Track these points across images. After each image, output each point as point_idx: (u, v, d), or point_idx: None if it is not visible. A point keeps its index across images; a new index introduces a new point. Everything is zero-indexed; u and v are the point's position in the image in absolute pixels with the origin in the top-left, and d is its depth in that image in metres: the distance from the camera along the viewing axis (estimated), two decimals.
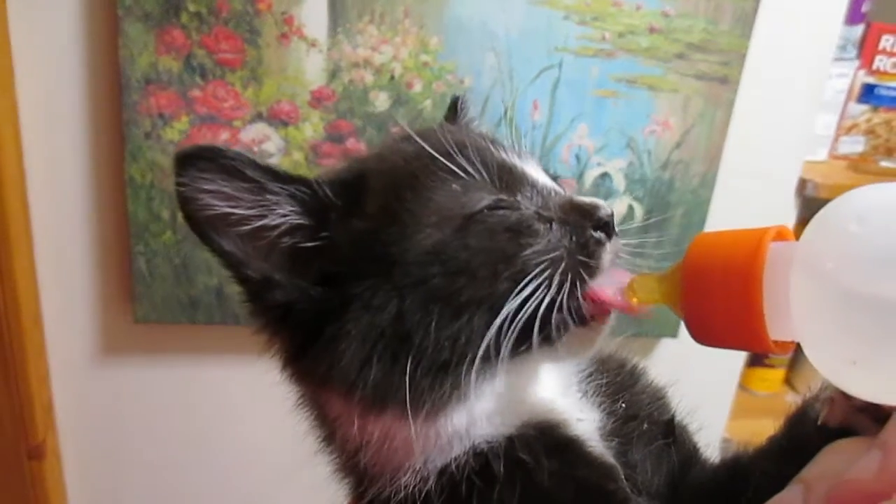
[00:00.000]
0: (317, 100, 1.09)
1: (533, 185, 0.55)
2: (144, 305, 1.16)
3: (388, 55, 1.09)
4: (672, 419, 0.59)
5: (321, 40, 1.07)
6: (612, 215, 0.52)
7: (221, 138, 1.09)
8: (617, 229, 0.53)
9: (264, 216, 0.51)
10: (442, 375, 0.49)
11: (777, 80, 1.32)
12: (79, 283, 1.20)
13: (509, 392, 0.53)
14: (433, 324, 0.49)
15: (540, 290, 0.49)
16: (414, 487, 0.52)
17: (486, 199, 0.52)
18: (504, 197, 0.53)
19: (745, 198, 1.37)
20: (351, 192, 0.54)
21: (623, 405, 0.58)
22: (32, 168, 1.11)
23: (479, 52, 1.12)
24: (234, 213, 0.50)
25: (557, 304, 0.49)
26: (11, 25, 1.02)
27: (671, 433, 0.58)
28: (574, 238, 0.52)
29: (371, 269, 0.51)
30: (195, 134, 1.07)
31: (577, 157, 1.22)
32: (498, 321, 0.48)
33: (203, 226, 0.50)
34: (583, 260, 0.51)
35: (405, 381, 0.49)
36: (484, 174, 0.53)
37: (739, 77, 1.24)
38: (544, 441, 0.52)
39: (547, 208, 0.53)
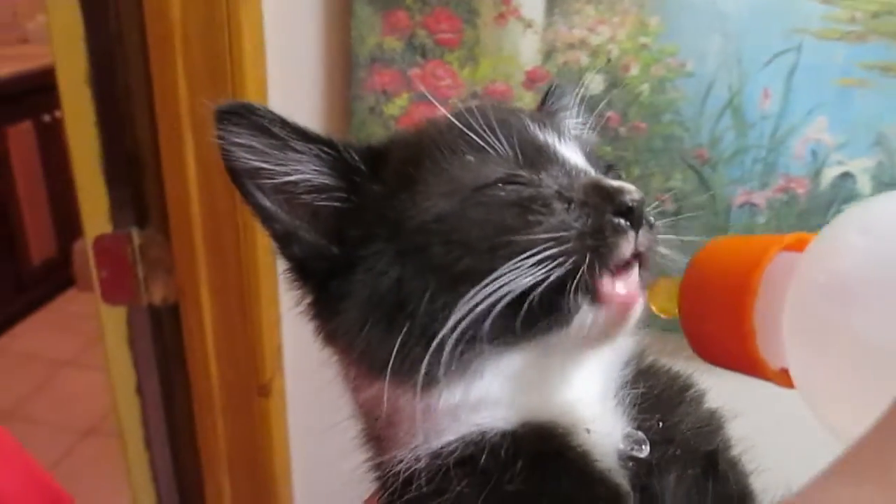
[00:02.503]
0: (531, 80, 1.10)
1: (563, 164, 0.51)
2: None
3: (604, 36, 1.06)
4: (715, 451, 0.52)
5: (538, 21, 1.07)
6: (640, 202, 0.47)
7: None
8: (652, 220, 0.48)
9: (289, 173, 0.53)
10: (433, 349, 0.47)
11: None
12: None
13: (519, 381, 0.50)
14: (427, 294, 0.48)
15: (536, 269, 0.45)
16: (408, 466, 0.50)
17: (499, 173, 0.50)
18: (522, 173, 0.50)
19: None
20: (377, 158, 0.55)
21: (659, 424, 0.51)
22: None
23: (704, 34, 1.05)
24: (262, 168, 0.52)
25: (553, 286, 0.46)
26: (264, 12, 1.15)
27: (712, 467, 0.51)
28: (590, 221, 0.47)
29: (381, 233, 0.51)
30: (413, 110, 1.13)
31: (814, 154, 1.10)
32: (480, 296, 0.45)
33: (238, 177, 0.53)
34: (594, 245, 0.46)
35: (395, 349, 0.48)
36: (508, 150, 0.51)
37: None
38: (533, 445, 0.48)
39: (571, 189, 0.49)
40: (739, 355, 0.36)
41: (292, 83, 1.19)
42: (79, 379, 3.23)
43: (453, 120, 0.53)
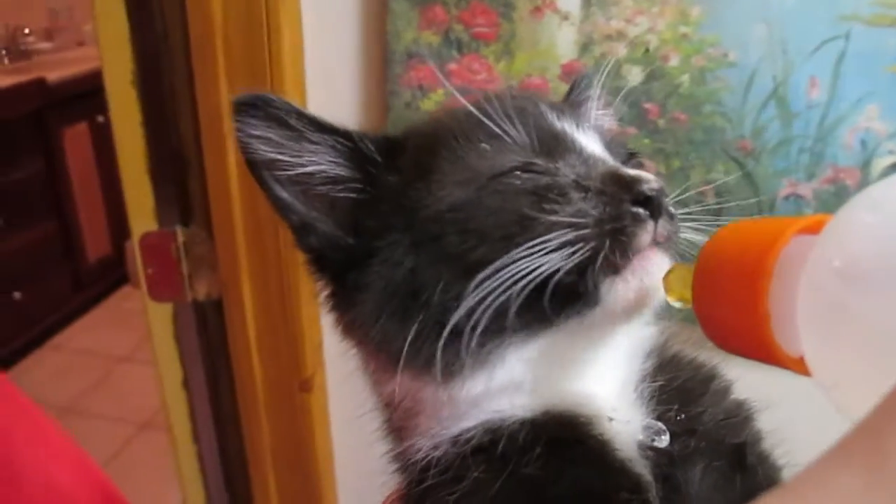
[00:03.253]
0: (567, 74, 1.08)
1: (580, 153, 0.50)
2: None
3: (643, 27, 1.04)
4: (743, 444, 0.50)
5: (574, 13, 1.05)
6: (659, 191, 0.46)
7: None
8: (671, 209, 0.46)
9: (305, 164, 0.52)
10: (449, 339, 0.46)
11: None
12: None
13: (541, 369, 0.49)
14: (441, 284, 0.47)
15: (554, 255, 0.44)
16: (426, 455, 0.50)
17: (515, 161, 0.49)
18: (538, 161, 0.49)
19: None
20: (392, 149, 0.54)
21: (682, 416, 0.50)
22: None
23: (746, 23, 1.02)
24: (279, 159, 0.52)
25: (572, 272, 0.45)
26: (302, 10, 1.16)
27: (740, 460, 0.49)
28: (607, 210, 0.46)
29: (397, 224, 0.51)
30: (449, 105, 1.12)
31: (863, 143, 1.06)
32: (493, 283, 0.44)
33: (256, 169, 0.53)
34: (613, 232, 0.45)
35: (409, 340, 0.47)
36: (525, 138, 0.50)
37: None
38: (553, 432, 0.47)
39: (588, 177, 0.48)
40: (754, 342, 0.35)
41: (330, 80, 1.20)
42: (134, 374, 3.31)
43: (470, 108, 0.53)
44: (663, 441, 0.49)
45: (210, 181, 1.25)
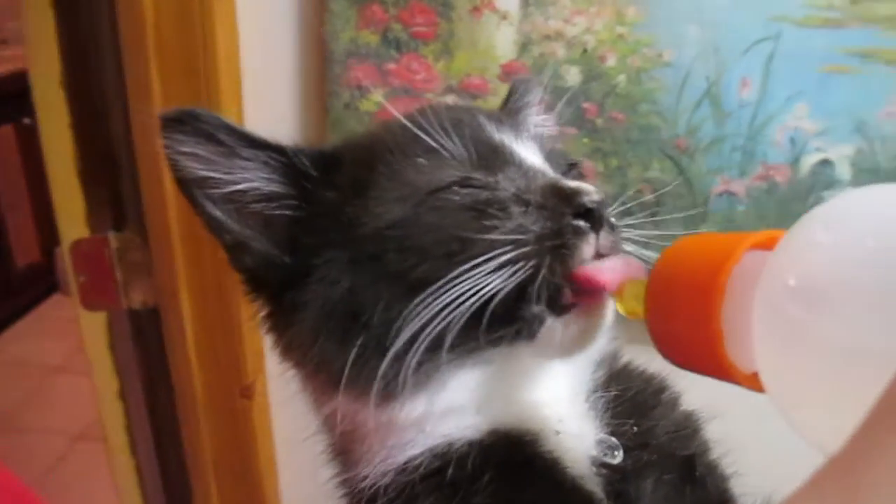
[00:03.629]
0: (506, 74, 1.08)
1: (520, 165, 0.50)
2: None
3: (581, 27, 1.05)
4: (692, 456, 0.51)
5: (513, 12, 1.06)
6: (600, 203, 0.45)
7: None
8: (613, 220, 0.46)
9: (237, 181, 0.51)
10: (390, 360, 0.45)
11: None
12: None
13: (486, 389, 0.48)
14: (382, 303, 0.46)
15: (495, 276, 0.43)
16: (373, 482, 0.49)
17: (454, 176, 0.48)
18: (477, 175, 0.48)
19: None
20: (329, 164, 0.53)
21: (634, 428, 0.50)
22: None
23: (682, 24, 1.04)
24: (210, 177, 0.50)
25: (513, 292, 0.44)
26: (238, 8, 1.13)
27: (689, 472, 0.49)
28: (548, 224, 0.45)
29: (334, 241, 0.49)
30: (389, 106, 1.11)
31: (793, 141, 1.09)
32: (436, 306, 0.43)
33: (186, 187, 0.51)
34: (554, 248, 0.44)
35: (349, 362, 0.46)
36: (463, 151, 0.49)
37: None
38: (502, 455, 0.47)
39: (528, 191, 0.48)
40: (707, 358, 0.35)
41: (268, 81, 1.18)
42: (70, 384, 3.20)
43: (405, 122, 0.51)
44: (617, 457, 0.49)
45: (143, 184, 1.21)
